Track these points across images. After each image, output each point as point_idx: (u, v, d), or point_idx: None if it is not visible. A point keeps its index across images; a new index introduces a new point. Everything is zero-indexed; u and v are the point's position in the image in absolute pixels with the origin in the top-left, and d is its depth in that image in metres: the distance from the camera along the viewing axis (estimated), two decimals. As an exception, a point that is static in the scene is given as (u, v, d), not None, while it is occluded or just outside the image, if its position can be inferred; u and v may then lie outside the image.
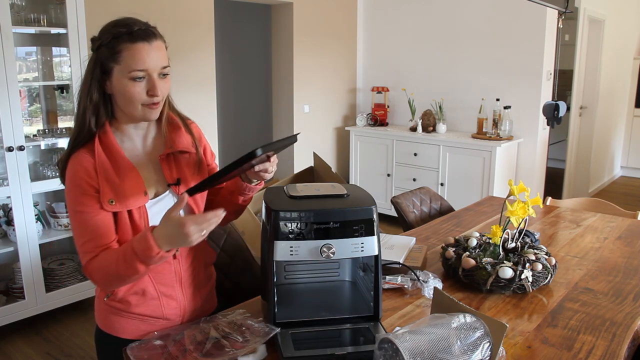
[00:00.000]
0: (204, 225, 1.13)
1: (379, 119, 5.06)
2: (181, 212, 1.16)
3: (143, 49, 1.19)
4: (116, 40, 1.19)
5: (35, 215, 2.92)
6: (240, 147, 5.68)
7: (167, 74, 1.25)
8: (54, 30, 2.95)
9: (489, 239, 1.78)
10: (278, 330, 1.29)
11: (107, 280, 1.24)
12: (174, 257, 1.35)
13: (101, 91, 1.24)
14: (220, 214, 1.15)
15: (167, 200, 1.32)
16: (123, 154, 1.27)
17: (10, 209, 2.84)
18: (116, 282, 1.24)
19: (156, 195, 1.31)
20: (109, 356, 1.39)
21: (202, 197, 1.41)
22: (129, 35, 1.19)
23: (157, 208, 1.30)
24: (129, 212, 1.26)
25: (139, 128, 1.32)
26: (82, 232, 1.23)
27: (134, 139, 1.32)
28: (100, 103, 1.24)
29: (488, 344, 1.13)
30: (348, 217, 1.27)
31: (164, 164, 1.33)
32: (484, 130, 4.44)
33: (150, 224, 1.27)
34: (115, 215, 1.25)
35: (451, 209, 2.82)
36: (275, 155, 1.32)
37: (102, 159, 1.24)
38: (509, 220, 1.69)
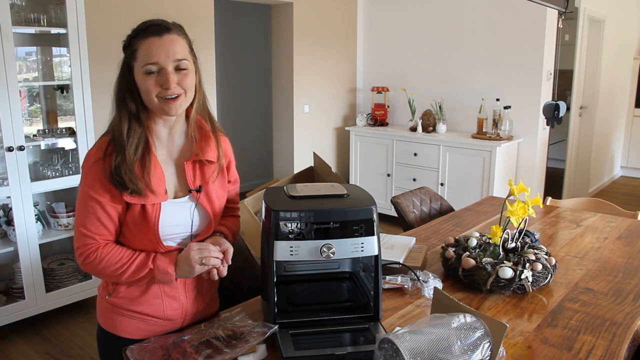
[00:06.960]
0: (204, 253, 1.27)
1: (379, 119, 5.05)
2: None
3: (153, 43, 1.23)
4: (133, 39, 1.25)
5: (35, 215, 2.92)
6: (240, 147, 5.67)
7: (185, 68, 1.26)
8: (54, 30, 2.94)
9: (489, 239, 1.78)
10: (276, 327, 1.29)
11: (101, 275, 1.31)
12: None
13: (131, 92, 1.27)
14: (220, 256, 1.30)
15: (185, 204, 1.33)
16: (152, 150, 1.28)
17: (10, 209, 2.84)
18: (109, 278, 1.34)
19: (175, 197, 1.32)
20: (110, 355, 1.39)
21: (220, 207, 1.41)
22: (143, 32, 1.24)
23: (172, 210, 1.30)
24: (143, 206, 1.26)
25: (166, 126, 1.33)
26: (88, 220, 1.25)
27: (162, 138, 1.33)
28: (132, 106, 1.27)
29: (488, 344, 1.13)
30: (348, 217, 1.27)
31: (189, 169, 1.33)
32: (484, 130, 4.44)
33: (160, 224, 1.28)
34: (128, 206, 1.26)
35: (451, 209, 2.82)
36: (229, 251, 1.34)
37: None
38: (509, 220, 1.69)
